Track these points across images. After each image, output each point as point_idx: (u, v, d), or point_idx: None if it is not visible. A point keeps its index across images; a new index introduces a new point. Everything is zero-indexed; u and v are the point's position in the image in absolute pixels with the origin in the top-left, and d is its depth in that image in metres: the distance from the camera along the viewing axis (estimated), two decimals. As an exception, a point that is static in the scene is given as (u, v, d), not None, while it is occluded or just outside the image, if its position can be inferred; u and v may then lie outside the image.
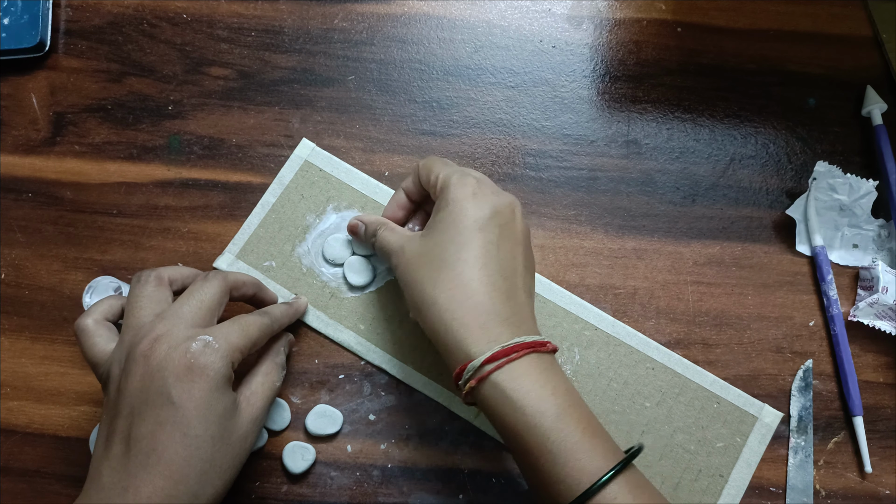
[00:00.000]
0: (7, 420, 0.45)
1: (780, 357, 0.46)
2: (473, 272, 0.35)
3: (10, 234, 0.48)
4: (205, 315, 0.37)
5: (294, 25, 0.52)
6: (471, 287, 0.35)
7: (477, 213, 0.36)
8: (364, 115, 0.50)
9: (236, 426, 0.36)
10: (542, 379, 0.34)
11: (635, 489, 0.32)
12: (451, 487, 0.44)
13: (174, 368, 0.33)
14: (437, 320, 0.35)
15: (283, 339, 0.43)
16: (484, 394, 0.34)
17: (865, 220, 0.49)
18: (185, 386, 0.33)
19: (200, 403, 0.33)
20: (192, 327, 0.35)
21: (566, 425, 0.33)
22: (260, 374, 0.39)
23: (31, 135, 0.50)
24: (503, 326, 0.35)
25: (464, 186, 0.37)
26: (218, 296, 0.38)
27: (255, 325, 0.38)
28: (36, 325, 0.46)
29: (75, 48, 0.51)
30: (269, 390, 0.39)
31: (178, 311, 0.36)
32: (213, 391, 0.34)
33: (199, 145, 0.50)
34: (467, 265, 0.35)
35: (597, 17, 0.53)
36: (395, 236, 0.41)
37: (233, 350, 0.35)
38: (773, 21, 0.52)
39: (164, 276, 0.39)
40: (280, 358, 0.41)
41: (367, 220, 0.44)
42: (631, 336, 0.46)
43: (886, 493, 0.44)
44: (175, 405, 0.33)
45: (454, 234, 0.36)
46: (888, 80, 0.51)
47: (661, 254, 0.48)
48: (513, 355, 0.34)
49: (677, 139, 0.50)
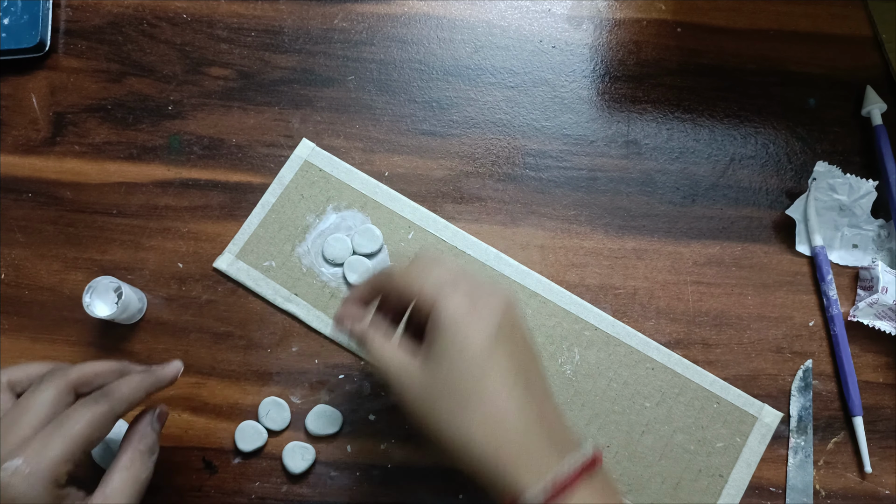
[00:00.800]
0: (7, 420, 0.45)
1: (780, 357, 0.46)
2: (501, 402, 0.31)
3: (10, 234, 0.48)
4: (32, 429, 0.31)
5: (294, 25, 0.52)
6: (507, 420, 0.31)
7: (482, 333, 0.32)
8: (364, 115, 0.50)
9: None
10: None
11: None
12: (451, 487, 0.44)
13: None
14: (476, 459, 0.31)
15: (149, 417, 0.36)
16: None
17: (865, 221, 0.49)
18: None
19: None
20: (14, 446, 0.31)
21: None
22: (118, 471, 0.34)
23: (31, 135, 0.50)
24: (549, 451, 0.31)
25: (459, 301, 0.32)
26: (51, 402, 0.32)
27: (83, 421, 0.32)
28: (36, 325, 0.46)
29: (75, 48, 0.51)
30: (130, 488, 0.33)
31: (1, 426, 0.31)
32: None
33: (199, 145, 0.50)
34: (493, 396, 0.31)
35: (597, 18, 0.53)
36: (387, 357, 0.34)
37: (53, 466, 0.30)
38: (773, 21, 0.52)
39: (4, 380, 0.34)
40: (145, 443, 0.35)
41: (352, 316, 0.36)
42: (631, 336, 0.46)
43: (886, 493, 0.44)
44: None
45: (466, 363, 0.32)
46: (888, 80, 0.51)
47: (661, 254, 0.48)
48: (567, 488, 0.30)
49: (677, 139, 0.50)
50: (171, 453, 0.44)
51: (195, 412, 0.45)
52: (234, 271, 0.47)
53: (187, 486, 0.44)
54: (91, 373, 0.35)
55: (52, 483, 0.30)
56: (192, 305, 0.47)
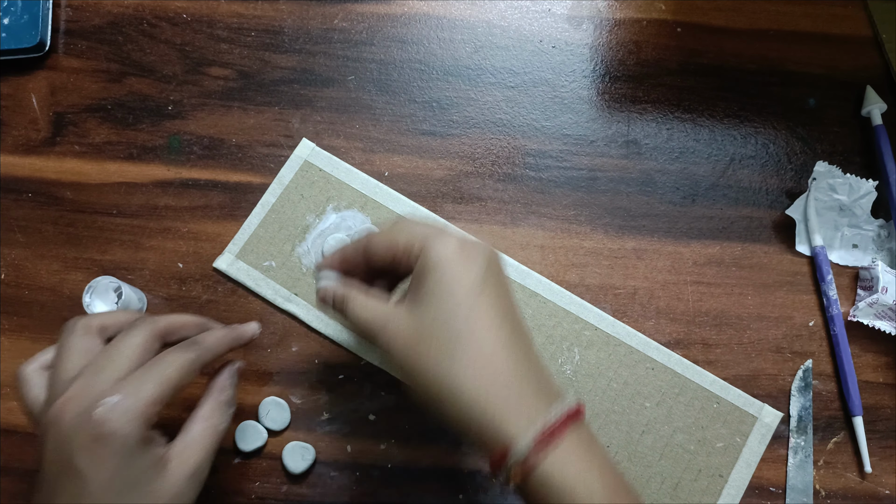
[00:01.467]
0: (7, 420, 0.45)
1: (779, 357, 0.46)
2: (492, 339, 0.31)
3: (10, 234, 0.48)
4: (123, 370, 0.33)
5: (294, 25, 0.52)
6: (495, 357, 0.31)
7: (470, 274, 0.32)
8: (364, 115, 0.50)
9: (163, 489, 0.32)
10: (587, 460, 0.31)
11: None
12: (451, 487, 0.44)
13: (80, 439, 0.30)
14: (464, 404, 0.31)
15: (228, 371, 0.38)
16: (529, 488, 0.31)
17: (865, 221, 0.49)
18: (93, 457, 0.30)
19: (111, 475, 0.30)
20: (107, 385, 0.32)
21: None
22: (198, 420, 0.35)
23: (31, 135, 0.50)
24: (537, 397, 0.31)
25: (448, 245, 0.33)
26: (142, 346, 0.34)
27: (174, 366, 0.33)
28: (36, 325, 0.46)
29: (75, 48, 0.51)
30: (208, 439, 0.34)
31: (95, 366, 0.33)
32: (126, 458, 0.31)
33: (199, 145, 0.50)
34: (484, 333, 0.31)
35: (597, 18, 0.53)
36: (371, 310, 0.34)
37: (146, 407, 0.32)
38: (773, 21, 0.52)
39: (94, 324, 0.36)
40: (224, 395, 0.37)
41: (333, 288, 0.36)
42: (631, 336, 0.46)
43: (886, 493, 0.44)
44: (84, 479, 0.30)
45: (457, 302, 0.32)
46: (888, 80, 0.51)
47: (661, 254, 0.48)
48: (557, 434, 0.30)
49: (677, 139, 0.50)
50: (171, 453, 0.44)
51: (195, 412, 0.45)
52: (234, 271, 0.47)
53: (187, 486, 0.44)
54: (177, 324, 0.36)
55: (145, 421, 0.32)
56: (192, 305, 0.47)
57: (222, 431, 0.36)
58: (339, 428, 0.45)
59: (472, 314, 0.31)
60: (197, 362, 0.35)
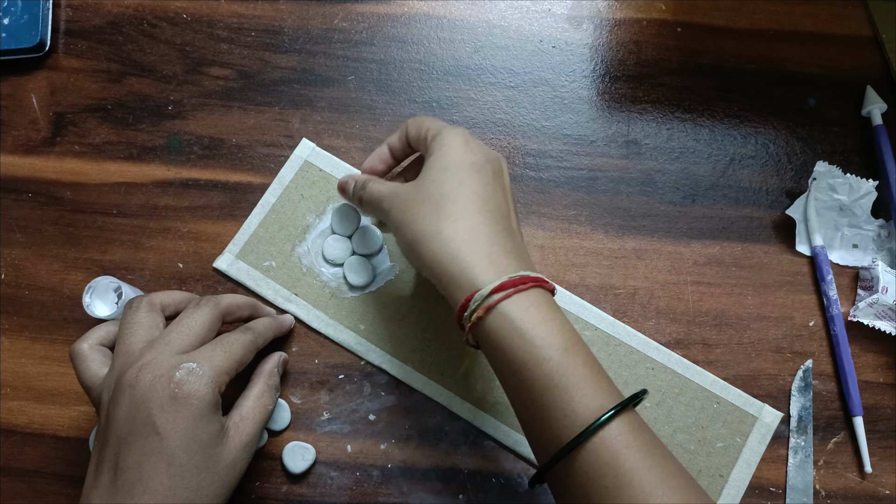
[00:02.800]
0: (7, 420, 0.45)
1: (780, 357, 0.46)
2: (475, 206, 0.35)
3: (10, 234, 0.48)
4: (193, 342, 0.36)
5: (294, 25, 0.52)
6: (475, 220, 0.35)
7: (472, 157, 0.37)
8: (364, 115, 0.50)
9: (224, 453, 0.35)
10: (549, 313, 0.33)
11: (637, 429, 0.32)
12: (451, 487, 0.44)
13: (159, 398, 0.33)
14: (441, 251, 0.35)
15: (276, 359, 0.42)
16: (490, 325, 0.33)
17: (865, 220, 0.49)
18: (170, 416, 0.33)
19: (185, 433, 0.33)
20: (178, 355, 0.35)
21: (573, 360, 0.32)
22: (251, 399, 0.39)
23: (31, 135, 0.50)
24: (509, 258, 0.34)
25: (456, 135, 0.38)
26: (208, 323, 0.38)
27: (238, 344, 0.38)
28: (36, 325, 0.46)
29: (75, 48, 0.51)
30: (260, 415, 0.38)
31: (166, 338, 0.36)
32: (199, 420, 0.34)
33: (199, 145, 0.50)
34: (469, 200, 0.35)
35: (597, 18, 0.53)
36: (385, 185, 0.40)
37: (218, 374, 0.35)
38: (773, 21, 0.52)
39: (157, 301, 0.39)
40: (273, 380, 0.41)
41: (355, 177, 0.43)
42: (631, 336, 0.46)
43: (886, 493, 0.44)
44: (160, 435, 0.33)
45: (452, 173, 0.36)
46: (888, 80, 0.51)
47: (661, 254, 0.48)
48: (520, 286, 0.33)
49: (677, 139, 0.50)
50: (171, 453, 0.44)
51: (195, 412, 0.45)
52: (234, 271, 0.47)
53: (187, 486, 0.44)
54: (235, 304, 0.41)
55: (216, 387, 0.35)
56: (192, 305, 0.47)
57: (270, 412, 0.40)
58: (339, 428, 0.45)
59: (464, 184, 0.36)
60: (255, 344, 0.39)
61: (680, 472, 0.32)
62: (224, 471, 0.35)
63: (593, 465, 0.31)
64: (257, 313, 0.43)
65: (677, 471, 0.32)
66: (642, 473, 0.30)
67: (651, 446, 0.32)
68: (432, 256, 0.35)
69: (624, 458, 0.31)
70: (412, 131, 0.41)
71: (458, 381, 0.45)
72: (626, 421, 0.32)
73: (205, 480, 0.34)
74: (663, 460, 0.32)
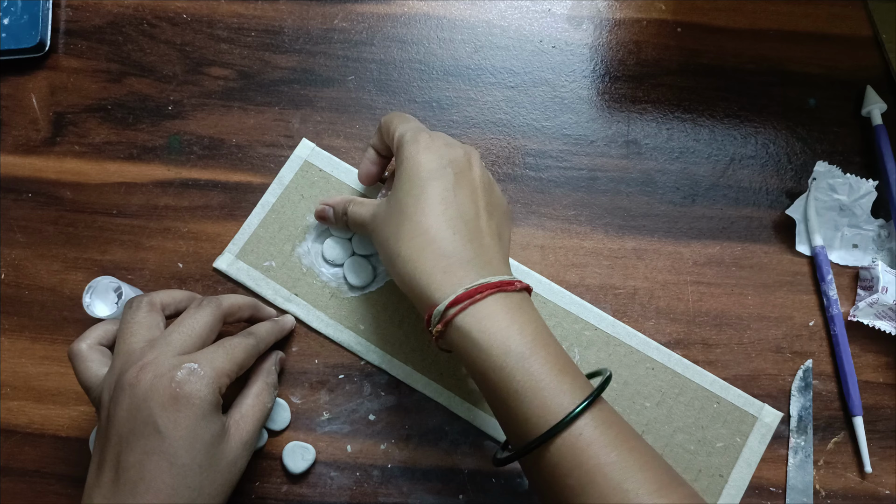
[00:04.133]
0: (7, 420, 0.45)
1: (780, 357, 0.46)
2: (431, 220, 0.36)
3: (10, 234, 0.48)
4: (194, 343, 0.37)
5: (294, 25, 0.52)
6: (430, 234, 0.35)
7: (430, 163, 0.37)
8: (364, 115, 0.50)
9: (225, 452, 0.36)
10: (507, 319, 0.34)
11: (602, 424, 0.32)
12: (451, 487, 0.44)
13: (160, 398, 0.33)
14: (402, 272, 0.36)
15: (274, 358, 0.43)
16: (451, 337, 0.34)
17: (865, 220, 0.49)
18: (171, 415, 0.33)
19: (187, 432, 0.34)
20: (179, 355, 0.35)
21: (532, 364, 0.33)
22: (250, 397, 0.39)
23: (31, 135, 0.50)
24: (466, 269, 0.35)
25: (416, 142, 0.38)
26: (210, 324, 0.38)
27: (240, 348, 0.38)
28: (36, 325, 0.46)
29: (75, 48, 0.51)
30: (259, 413, 0.39)
31: (167, 338, 0.36)
32: (200, 419, 0.34)
33: (199, 145, 0.50)
34: (425, 214, 0.36)
35: (597, 17, 0.53)
36: (365, 207, 0.41)
37: (219, 376, 0.35)
38: (773, 21, 0.52)
39: (157, 301, 0.39)
40: (271, 378, 0.41)
41: (333, 202, 0.43)
42: (631, 336, 0.46)
43: (886, 493, 0.44)
44: (161, 435, 0.33)
45: (410, 187, 0.37)
46: (888, 80, 0.51)
47: (661, 254, 0.48)
48: (476, 297, 0.34)
49: (677, 139, 0.50)
50: (171, 453, 0.44)
51: (195, 412, 0.45)
52: (234, 271, 0.47)
53: (187, 486, 0.44)
54: (236, 305, 0.41)
55: (217, 388, 0.35)
56: (192, 305, 0.47)
57: (269, 410, 0.40)
58: (339, 428, 0.45)
59: (421, 197, 0.36)
60: (256, 348, 0.39)
61: (651, 462, 0.32)
62: (225, 469, 0.35)
63: (558, 465, 0.31)
64: (258, 314, 0.43)
65: (647, 462, 0.32)
66: (606, 470, 0.31)
67: (619, 441, 0.32)
68: (398, 276, 0.37)
69: (587, 456, 0.31)
70: (384, 131, 0.41)
71: (458, 380, 0.45)
72: (591, 418, 0.32)
73: (207, 479, 0.34)
74: (630, 454, 0.31)
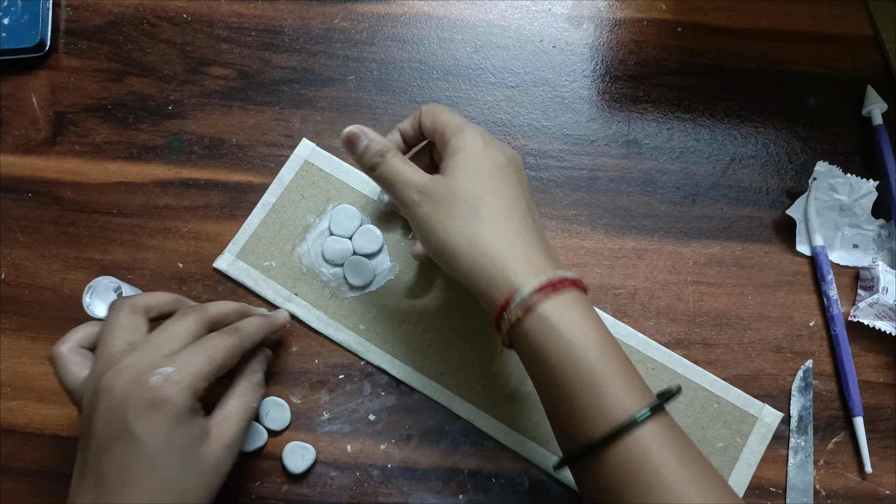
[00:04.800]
0: (7, 420, 0.45)
1: (780, 357, 0.46)
2: (509, 209, 0.36)
3: (10, 234, 0.48)
4: (174, 350, 0.36)
5: (294, 25, 0.52)
6: (511, 223, 0.36)
7: (496, 158, 0.37)
8: (364, 115, 0.50)
9: (207, 455, 0.35)
10: (584, 313, 0.34)
11: (668, 430, 0.32)
12: (451, 487, 0.44)
13: (135, 403, 0.33)
14: (479, 254, 0.35)
15: (260, 357, 0.41)
16: (528, 326, 0.34)
17: (865, 220, 0.49)
18: (146, 422, 0.33)
19: (163, 438, 0.33)
20: (158, 359, 0.35)
21: (608, 359, 0.33)
22: (234, 397, 0.38)
23: (31, 135, 0.50)
24: (545, 259, 0.35)
25: (476, 134, 0.38)
26: (193, 332, 0.37)
27: (221, 348, 0.36)
28: (36, 325, 0.46)
29: (75, 48, 0.51)
30: (243, 413, 0.38)
31: (148, 343, 0.36)
32: (175, 425, 0.33)
33: (200, 145, 0.50)
34: (502, 203, 0.36)
35: (597, 17, 0.53)
36: (412, 170, 0.38)
37: (195, 380, 0.34)
38: (773, 21, 0.52)
39: (140, 304, 0.38)
40: (256, 377, 0.40)
41: (372, 137, 0.38)
42: (631, 336, 0.46)
43: (886, 494, 0.44)
44: (138, 440, 0.33)
45: (481, 176, 0.37)
46: (888, 80, 0.51)
47: (661, 254, 0.48)
48: (559, 287, 0.34)
49: (677, 139, 0.50)
50: (171, 453, 0.44)
51: (195, 412, 0.45)
52: (235, 271, 0.47)
53: (187, 485, 0.44)
54: (223, 312, 0.40)
55: (193, 393, 0.34)
56: (192, 305, 0.47)
57: (254, 409, 0.39)
58: (339, 428, 0.45)
59: (495, 186, 0.37)
60: (240, 347, 0.38)
61: (710, 472, 0.32)
62: (209, 471, 0.35)
63: (624, 463, 0.31)
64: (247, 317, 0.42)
65: (708, 471, 0.32)
66: (673, 473, 0.31)
67: (682, 447, 0.32)
68: (470, 260, 0.35)
69: (655, 456, 0.31)
70: (427, 122, 0.40)
71: (458, 380, 0.45)
72: (658, 421, 0.32)
73: (189, 483, 0.34)
74: (694, 461, 0.32)
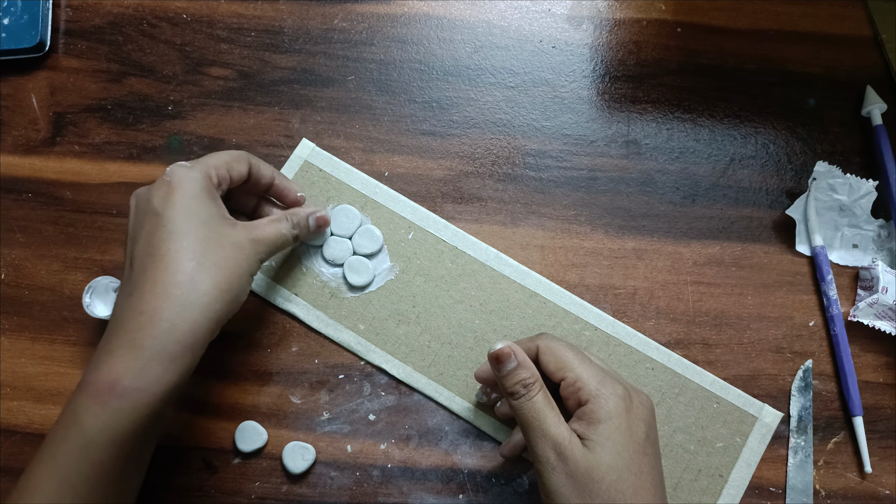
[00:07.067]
0: (7, 420, 0.45)
1: (780, 357, 0.46)
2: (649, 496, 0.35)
3: (10, 234, 0.48)
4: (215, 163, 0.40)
5: (294, 25, 0.52)
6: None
7: (637, 432, 0.36)
8: (364, 115, 0.50)
9: (228, 233, 0.38)
10: None
11: None
12: (451, 488, 0.44)
13: (157, 192, 0.38)
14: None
15: (309, 209, 0.44)
16: None
17: (865, 220, 0.49)
18: (166, 199, 0.37)
19: (181, 208, 0.37)
20: None
21: None
22: (268, 220, 0.41)
23: (31, 135, 0.50)
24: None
25: (615, 398, 0.36)
26: (233, 156, 0.41)
27: (232, 153, 0.41)
28: (36, 325, 0.46)
29: (75, 48, 0.51)
30: (273, 229, 0.41)
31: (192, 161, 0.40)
32: (193, 198, 0.37)
33: (199, 145, 0.50)
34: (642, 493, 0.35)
35: (597, 18, 0.53)
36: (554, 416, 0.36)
37: (208, 167, 0.39)
38: (773, 21, 0.52)
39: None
40: (296, 217, 0.43)
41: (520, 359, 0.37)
42: (631, 336, 0.46)
43: (886, 493, 0.44)
44: (159, 214, 0.37)
45: (623, 461, 0.35)
46: (888, 80, 0.51)
47: (661, 254, 0.48)
48: None
49: (677, 139, 0.50)
50: (171, 453, 0.44)
51: (195, 412, 0.45)
52: (234, 271, 0.47)
53: (187, 486, 0.44)
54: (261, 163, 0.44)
55: (206, 175, 0.39)
56: (192, 305, 0.46)
57: (283, 237, 0.42)
58: (339, 428, 0.45)
59: (641, 471, 0.35)
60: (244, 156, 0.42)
61: None
62: (230, 248, 0.38)
63: None
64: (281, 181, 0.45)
65: None
66: None
67: None
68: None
69: None
70: (550, 365, 0.37)
71: (458, 380, 0.45)
72: None
73: (209, 251, 0.37)
74: None
